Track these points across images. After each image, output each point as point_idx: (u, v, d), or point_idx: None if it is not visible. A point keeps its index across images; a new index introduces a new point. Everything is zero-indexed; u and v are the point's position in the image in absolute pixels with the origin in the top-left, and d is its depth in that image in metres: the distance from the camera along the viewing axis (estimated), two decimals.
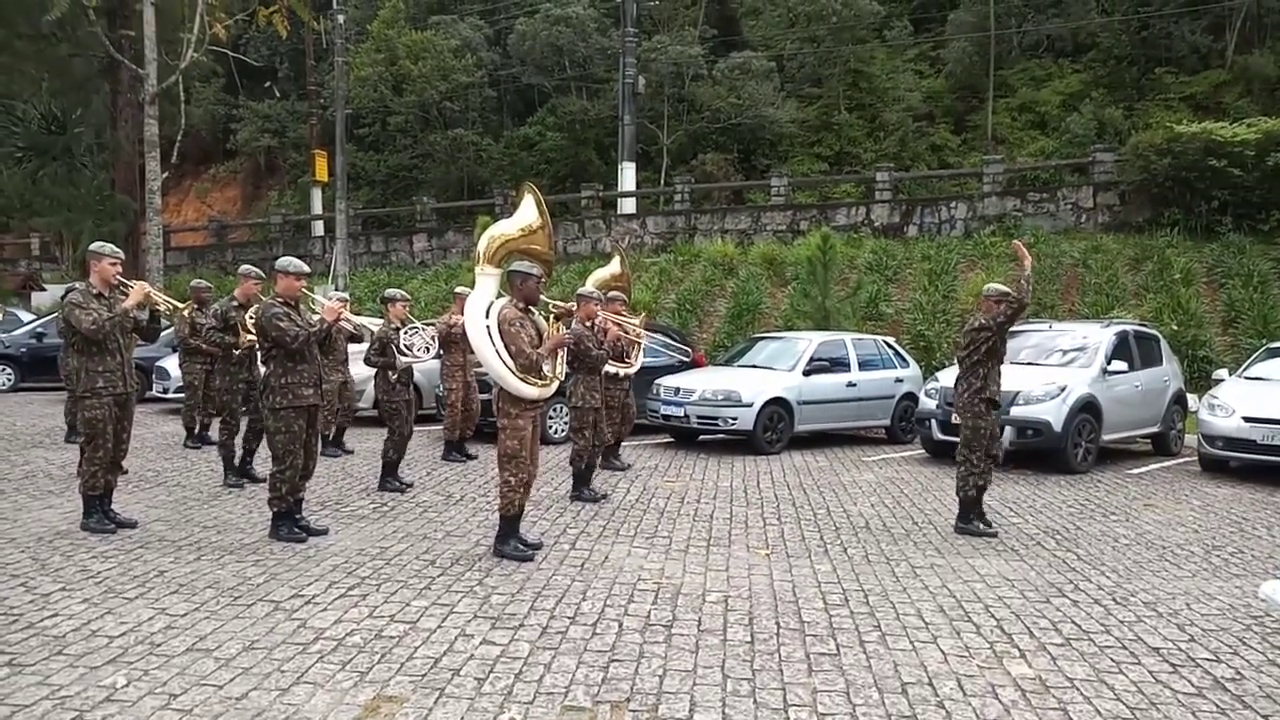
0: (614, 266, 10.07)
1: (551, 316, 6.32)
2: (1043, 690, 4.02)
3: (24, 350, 16.54)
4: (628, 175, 24.33)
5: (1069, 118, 24.29)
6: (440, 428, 10.37)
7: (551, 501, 7.87)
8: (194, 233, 31.46)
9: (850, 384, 12.09)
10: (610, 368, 8.97)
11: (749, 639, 4.55)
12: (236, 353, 8.29)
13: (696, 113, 27.19)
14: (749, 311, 18.04)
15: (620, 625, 4.70)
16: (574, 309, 7.98)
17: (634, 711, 3.70)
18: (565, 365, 6.32)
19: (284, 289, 6.37)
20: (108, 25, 22.19)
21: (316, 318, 6.54)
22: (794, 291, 18.04)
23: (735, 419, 11.08)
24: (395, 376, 8.40)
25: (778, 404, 11.30)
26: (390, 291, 8.92)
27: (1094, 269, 17.56)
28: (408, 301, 8.87)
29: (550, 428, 11.11)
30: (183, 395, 10.94)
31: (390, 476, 8.31)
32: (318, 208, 27.68)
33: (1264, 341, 13.03)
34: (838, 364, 12.13)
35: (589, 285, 9.82)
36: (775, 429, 11.29)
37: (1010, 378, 10.55)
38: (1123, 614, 5.11)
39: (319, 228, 27.46)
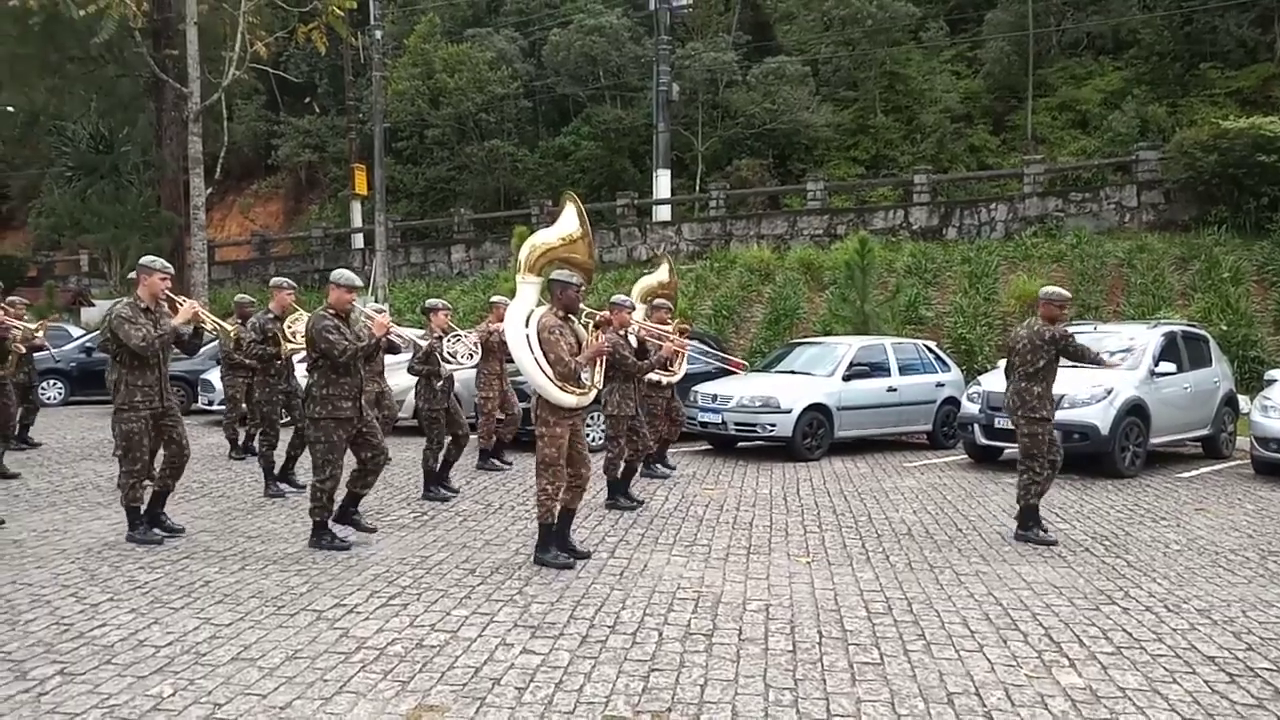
0: (662, 274, 9.99)
1: (590, 325, 6.32)
2: (1094, 700, 3.92)
3: (74, 364, 16.93)
4: (663, 182, 24.34)
5: (1111, 116, 23.87)
6: (475, 436, 10.42)
7: (590, 510, 7.86)
8: (237, 247, 32.05)
9: (891, 389, 11.96)
10: (653, 375, 8.99)
11: (791, 648, 4.50)
12: (278, 363, 8.40)
13: (731, 119, 27.15)
14: (787, 317, 17.94)
15: (660, 634, 4.68)
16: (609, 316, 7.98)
17: None
18: (603, 374, 6.33)
19: (335, 301, 6.39)
20: (153, 46, 22.73)
21: (365, 330, 6.58)
22: (832, 296, 17.90)
23: (774, 425, 11.00)
24: (440, 384, 8.45)
25: (817, 410, 11.20)
26: (432, 301, 9.01)
27: (1139, 269, 17.22)
28: (449, 310, 8.95)
29: (587, 435, 11.11)
30: (224, 408, 11.12)
31: (433, 485, 8.36)
32: (357, 220, 28.06)
33: None
34: (878, 369, 12.01)
35: (636, 292, 9.83)
36: (815, 435, 11.19)
37: (1056, 381, 10.39)
38: (1175, 622, 4.98)
39: (359, 240, 27.82)
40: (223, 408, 12.98)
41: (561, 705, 3.80)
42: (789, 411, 10.98)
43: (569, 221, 5.87)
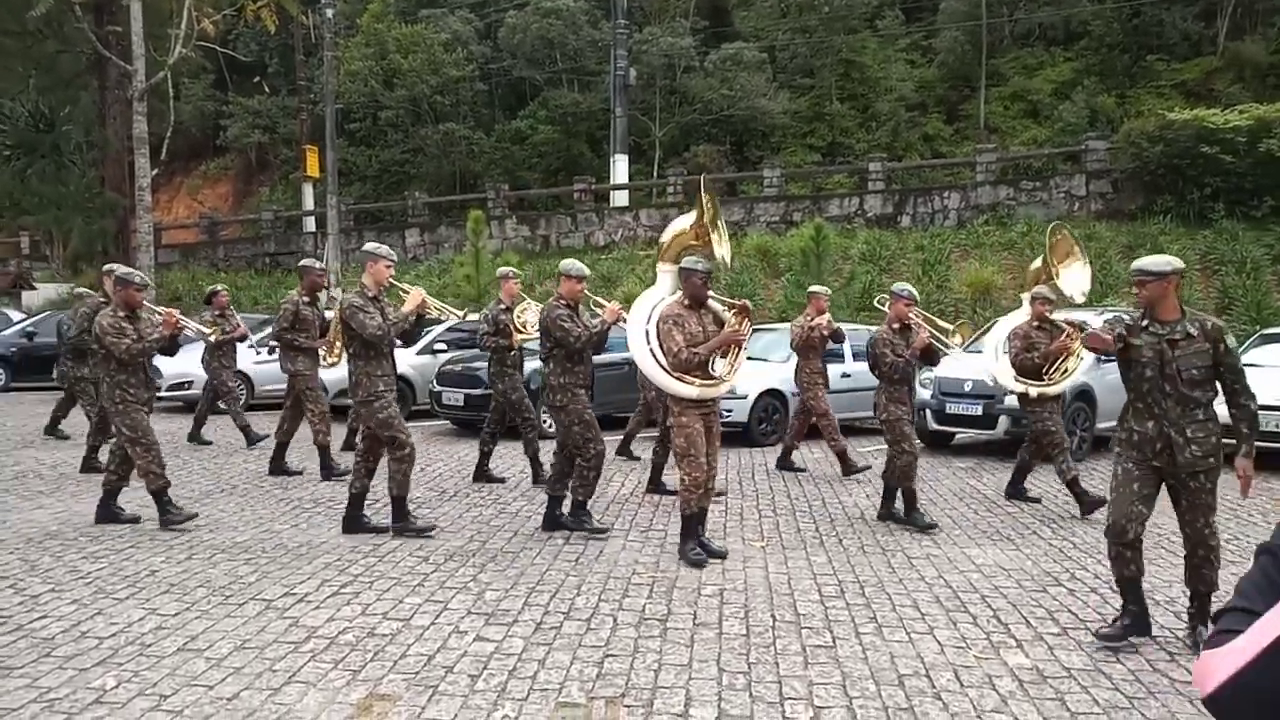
0: (1039, 261, 8.71)
1: (732, 311, 5.94)
2: (1040, 680, 4.00)
3: (14, 350, 16.44)
4: (620, 168, 24.24)
5: (1061, 106, 24.24)
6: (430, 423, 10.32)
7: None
8: (185, 230, 31.29)
9: (845, 375, 12.05)
10: (1020, 386, 7.85)
11: (744, 632, 4.52)
12: (511, 354, 8.28)
13: (688, 104, 27.10)
14: None
15: (615, 620, 4.67)
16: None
17: (629, 707, 3.67)
18: (737, 363, 5.89)
19: (566, 291, 6.54)
20: (94, 21, 22.03)
21: (596, 320, 6.62)
22: (788, 283, 18.01)
23: (730, 411, 11.01)
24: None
25: (772, 395, 11.28)
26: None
27: (1088, 257, 17.53)
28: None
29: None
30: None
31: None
32: (309, 203, 27.55)
33: (1258, 328, 13.03)
34: (832, 355, 12.08)
35: (1030, 277, 8.51)
36: (770, 421, 11.26)
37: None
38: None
39: (311, 223, 27.32)
40: (170, 392, 12.75)
41: (515, 692, 3.78)
42: (744, 397, 11.03)
43: (699, 209, 5.97)
